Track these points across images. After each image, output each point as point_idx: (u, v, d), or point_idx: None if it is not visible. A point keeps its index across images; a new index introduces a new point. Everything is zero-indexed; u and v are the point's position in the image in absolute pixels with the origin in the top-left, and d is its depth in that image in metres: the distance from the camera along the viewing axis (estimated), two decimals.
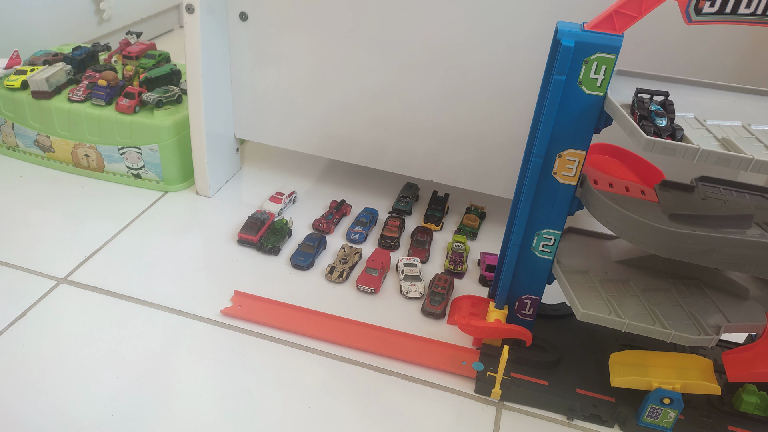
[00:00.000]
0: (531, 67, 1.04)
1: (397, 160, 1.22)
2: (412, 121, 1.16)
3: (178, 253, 1.09)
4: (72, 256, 1.06)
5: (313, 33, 1.13)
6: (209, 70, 1.15)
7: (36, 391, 0.82)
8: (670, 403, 0.78)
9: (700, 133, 0.69)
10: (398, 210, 1.26)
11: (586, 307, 0.77)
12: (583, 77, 0.71)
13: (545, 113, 0.73)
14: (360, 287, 1.04)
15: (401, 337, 0.96)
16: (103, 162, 1.26)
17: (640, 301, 0.80)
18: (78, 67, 1.33)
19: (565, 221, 0.82)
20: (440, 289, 1.03)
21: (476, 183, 1.20)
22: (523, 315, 0.90)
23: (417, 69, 1.10)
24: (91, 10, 1.73)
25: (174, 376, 0.86)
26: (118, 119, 1.21)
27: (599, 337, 0.93)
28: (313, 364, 0.90)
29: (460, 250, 1.14)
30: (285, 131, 1.26)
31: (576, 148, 0.76)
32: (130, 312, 0.96)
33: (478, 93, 1.09)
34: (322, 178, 1.37)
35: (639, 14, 0.68)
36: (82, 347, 0.89)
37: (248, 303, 0.99)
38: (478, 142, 1.14)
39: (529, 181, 0.78)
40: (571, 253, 0.88)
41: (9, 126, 1.30)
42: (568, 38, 0.69)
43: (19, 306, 0.94)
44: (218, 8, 1.12)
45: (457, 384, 0.89)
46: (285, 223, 1.16)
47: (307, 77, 1.18)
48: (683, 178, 0.84)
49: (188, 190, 1.28)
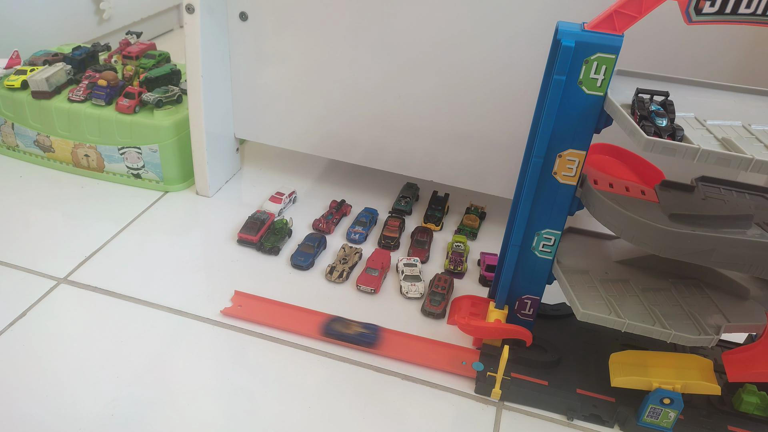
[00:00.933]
0: (530, 66, 1.04)
1: (397, 159, 1.22)
2: (412, 120, 1.16)
3: (178, 253, 1.09)
4: (72, 256, 1.06)
5: (313, 33, 1.13)
6: (209, 70, 1.15)
7: (36, 391, 0.82)
8: (670, 403, 0.78)
9: (701, 133, 0.69)
10: (398, 210, 1.26)
11: (587, 307, 0.77)
12: (583, 77, 0.71)
13: (545, 113, 0.73)
14: (360, 287, 1.04)
15: (401, 337, 0.96)
16: (103, 162, 1.26)
17: (640, 301, 0.80)
18: (78, 67, 1.33)
19: (565, 221, 0.82)
20: (440, 289, 1.03)
21: (476, 183, 1.20)
22: (523, 315, 0.90)
23: (416, 68, 1.10)
24: (91, 10, 1.73)
25: (174, 376, 0.86)
26: (118, 119, 1.21)
27: (599, 337, 0.93)
28: (313, 364, 0.90)
29: (460, 250, 1.14)
30: (284, 131, 1.26)
31: (576, 148, 0.76)
32: (130, 312, 0.96)
33: (478, 92, 1.09)
34: (322, 178, 1.37)
35: (639, 14, 0.68)
36: (83, 347, 0.89)
37: (248, 303, 0.99)
38: (477, 142, 1.14)
39: (530, 181, 0.78)
40: (571, 253, 0.88)
41: (9, 126, 1.30)
42: (568, 38, 0.69)
43: (19, 306, 0.94)
44: (218, 8, 1.12)
45: (457, 384, 0.89)
46: (285, 223, 1.16)
47: (307, 77, 1.18)
48: (683, 178, 0.84)
49: (188, 190, 1.28)
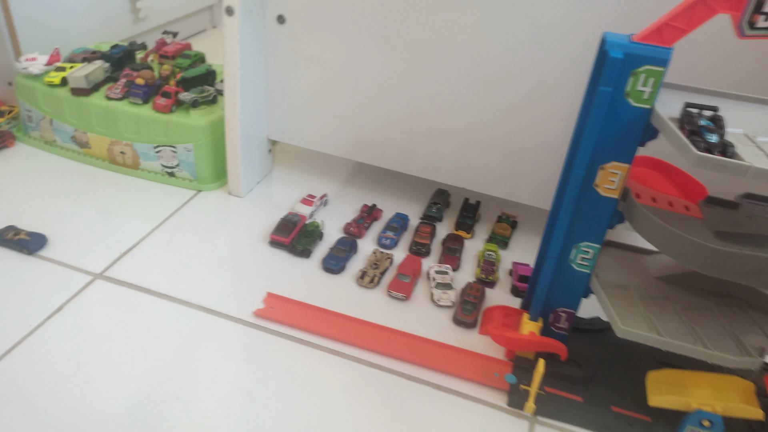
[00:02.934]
0: (564, 72, 1.02)
1: (427, 164, 1.21)
2: (445, 126, 1.15)
3: (210, 253, 1.10)
4: (107, 252, 1.07)
5: (349, 37, 1.13)
6: (246, 71, 1.15)
7: (71, 385, 0.83)
8: (710, 426, 0.76)
9: (751, 150, 0.67)
10: (429, 216, 1.26)
11: (627, 324, 0.76)
12: (630, 89, 0.70)
13: (589, 125, 0.72)
14: (391, 293, 1.04)
15: (433, 345, 0.95)
16: (139, 159, 1.27)
17: (680, 319, 0.79)
18: (116, 65, 1.34)
19: (605, 235, 0.80)
20: (472, 298, 1.02)
21: (507, 191, 1.19)
22: (558, 328, 0.89)
23: (451, 74, 1.10)
24: (127, 9, 1.76)
25: (206, 376, 0.86)
26: (154, 118, 1.22)
27: (634, 353, 0.92)
28: (344, 370, 0.90)
29: (491, 258, 1.13)
30: (316, 133, 1.26)
31: (620, 160, 0.74)
32: (163, 309, 0.97)
33: (510, 98, 1.08)
34: (350, 181, 1.37)
35: (689, 27, 0.67)
36: (117, 343, 0.90)
37: (280, 305, 0.99)
38: (508, 149, 1.13)
39: (570, 193, 0.77)
40: (609, 267, 0.87)
41: (47, 121, 1.32)
42: (616, 50, 0.68)
43: (57, 299, 0.96)
44: (256, 11, 1.13)
45: (489, 396, 0.88)
46: (316, 225, 1.16)
47: (341, 80, 1.18)
48: (724, 193, 0.82)
49: (220, 189, 1.29)
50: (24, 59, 1.32)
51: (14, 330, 0.90)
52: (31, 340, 0.89)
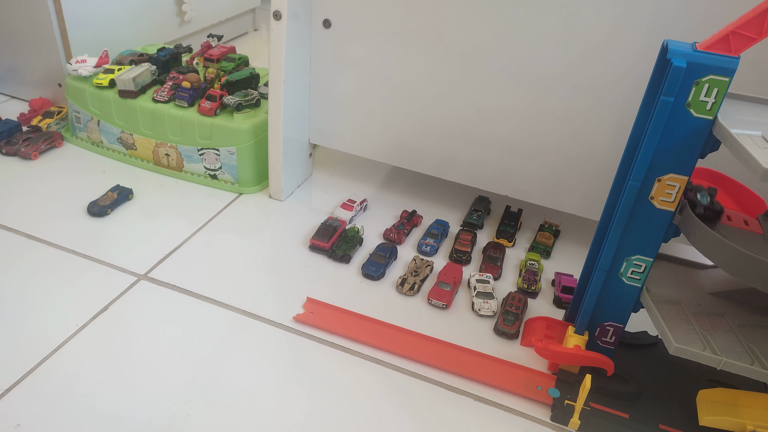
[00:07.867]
0: (614, 81, 1.00)
1: (468, 171, 1.20)
2: (488, 132, 1.14)
3: (251, 256, 1.11)
4: (152, 253, 1.08)
5: (395, 42, 1.13)
6: (291, 75, 1.16)
7: (115, 385, 0.84)
8: None
9: None
10: (470, 224, 1.24)
11: (680, 341, 0.73)
12: (692, 99, 0.68)
13: (648, 135, 0.70)
14: (432, 301, 1.03)
15: (473, 355, 0.94)
16: (183, 162, 1.29)
17: (736, 337, 0.76)
18: (162, 68, 1.37)
19: (658, 248, 0.78)
20: (514, 309, 1.00)
21: (550, 199, 1.16)
22: (604, 342, 0.87)
23: (496, 79, 1.08)
24: (173, 12, 1.79)
25: (245, 379, 0.86)
26: (199, 121, 1.24)
27: (683, 370, 0.89)
28: (385, 378, 0.89)
29: (534, 268, 1.11)
30: (358, 138, 1.26)
31: (678, 173, 0.72)
32: (205, 311, 0.97)
33: (558, 106, 1.06)
34: (389, 186, 1.37)
35: (759, 36, 0.64)
36: (161, 344, 0.91)
37: (320, 311, 0.99)
38: (552, 156, 1.11)
39: (624, 205, 0.75)
40: (660, 281, 0.84)
41: (95, 122, 1.35)
42: (679, 58, 0.66)
43: (103, 300, 0.97)
44: (303, 15, 1.13)
45: (531, 409, 0.86)
46: (357, 231, 1.15)
47: (385, 86, 1.18)
48: None
49: (261, 193, 1.30)
50: (74, 61, 1.35)
51: (62, 328, 0.92)
52: (77, 339, 0.90)
